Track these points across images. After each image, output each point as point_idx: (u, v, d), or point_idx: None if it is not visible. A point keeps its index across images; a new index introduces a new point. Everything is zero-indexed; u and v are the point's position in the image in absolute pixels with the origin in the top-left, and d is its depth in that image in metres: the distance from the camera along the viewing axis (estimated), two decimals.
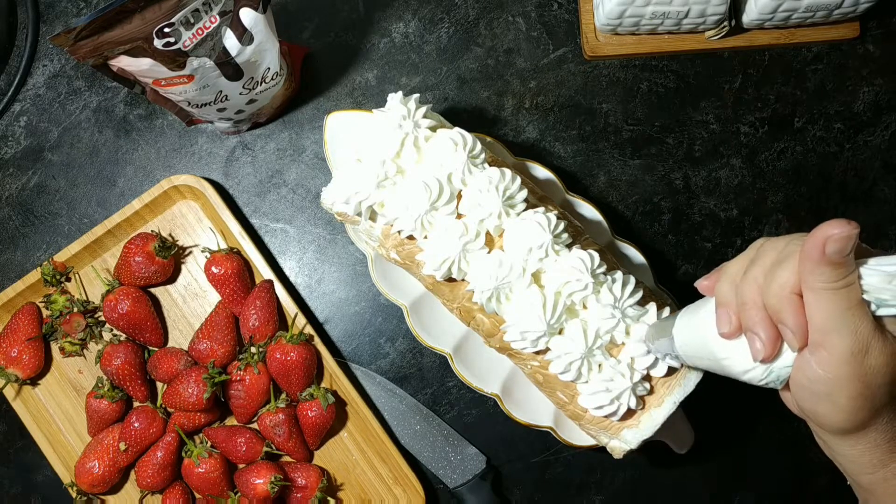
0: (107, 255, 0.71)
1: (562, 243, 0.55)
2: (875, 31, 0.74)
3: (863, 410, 0.37)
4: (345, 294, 0.73)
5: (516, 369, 0.64)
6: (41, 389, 0.71)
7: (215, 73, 0.59)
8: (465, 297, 0.57)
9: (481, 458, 0.70)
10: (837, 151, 0.73)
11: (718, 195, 0.73)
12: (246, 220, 0.73)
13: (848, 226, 0.33)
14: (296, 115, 0.74)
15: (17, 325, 0.68)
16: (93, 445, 0.67)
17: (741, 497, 0.71)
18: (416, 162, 0.56)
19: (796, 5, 0.66)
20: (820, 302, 0.35)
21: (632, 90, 0.74)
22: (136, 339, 0.69)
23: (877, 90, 0.74)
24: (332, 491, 0.69)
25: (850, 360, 0.35)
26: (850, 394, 0.36)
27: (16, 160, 0.74)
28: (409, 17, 0.75)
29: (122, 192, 0.74)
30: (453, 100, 0.74)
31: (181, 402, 0.65)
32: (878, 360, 0.35)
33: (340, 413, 0.70)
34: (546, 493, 0.71)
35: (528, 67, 0.74)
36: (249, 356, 0.66)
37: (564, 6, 0.74)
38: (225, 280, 0.68)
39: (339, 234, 0.73)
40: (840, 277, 0.34)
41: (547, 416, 0.64)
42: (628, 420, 0.55)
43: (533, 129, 0.74)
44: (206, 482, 0.65)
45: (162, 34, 0.53)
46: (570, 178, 0.73)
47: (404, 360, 0.72)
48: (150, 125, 0.74)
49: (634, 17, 0.67)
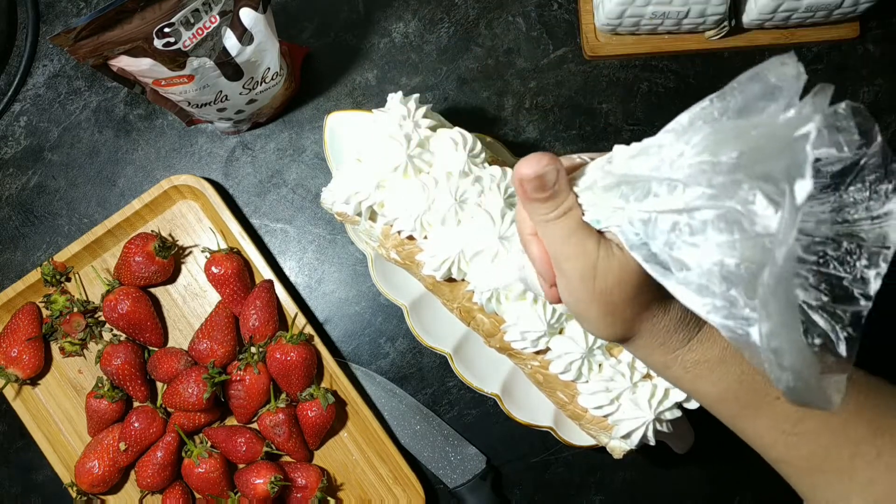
0: (107, 255, 0.71)
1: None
2: (875, 31, 0.74)
3: (615, 325, 0.38)
4: (345, 294, 0.73)
5: (516, 369, 0.64)
6: (41, 389, 0.71)
7: (215, 73, 0.59)
8: (465, 297, 0.57)
9: (481, 458, 0.70)
10: None
11: None
12: (246, 220, 0.73)
13: (538, 164, 0.34)
14: (296, 115, 0.74)
15: (17, 325, 0.68)
16: (93, 445, 0.67)
17: (741, 497, 0.71)
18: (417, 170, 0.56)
19: (796, 5, 0.66)
20: (546, 234, 0.36)
21: (632, 90, 0.74)
22: (136, 339, 0.69)
23: (877, 90, 0.74)
24: (332, 491, 0.69)
25: (582, 283, 0.36)
26: (596, 314, 0.37)
27: (16, 160, 0.74)
28: (409, 17, 0.75)
29: (122, 192, 0.74)
30: (453, 100, 0.74)
31: (181, 402, 0.65)
32: (610, 281, 0.36)
33: (340, 413, 0.70)
34: (546, 493, 0.71)
35: (528, 67, 0.74)
36: (249, 356, 0.66)
37: (564, 6, 0.74)
38: (225, 280, 0.68)
39: (339, 234, 0.73)
40: (553, 209, 0.35)
41: (547, 416, 0.64)
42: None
43: (533, 129, 0.74)
44: (206, 482, 0.65)
45: (162, 34, 0.53)
46: None
47: (404, 360, 0.72)
48: (150, 125, 0.74)
49: (634, 17, 0.67)
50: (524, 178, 0.35)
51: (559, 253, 0.36)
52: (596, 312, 0.37)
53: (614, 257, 0.35)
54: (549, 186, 0.35)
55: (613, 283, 0.36)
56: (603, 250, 0.35)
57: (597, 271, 0.35)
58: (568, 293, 0.37)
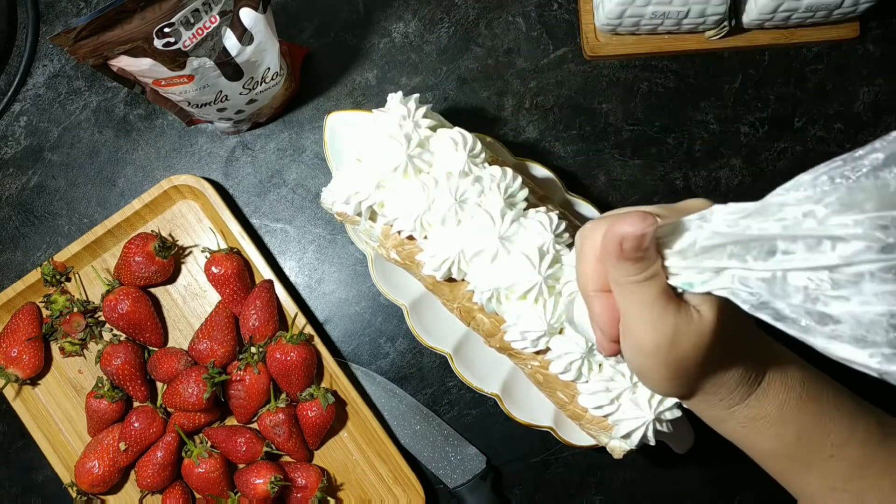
0: (107, 255, 0.71)
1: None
2: (875, 31, 0.74)
3: (680, 388, 0.37)
4: (345, 294, 0.73)
5: (516, 369, 0.64)
6: (41, 389, 0.71)
7: (215, 73, 0.59)
8: (465, 297, 0.57)
9: (481, 458, 0.70)
10: (837, 151, 0.73)
11: (718, 195, 0.73)
12: (246, 220, 0.73)
13: (642, 223, 0.32)
14: (296, 115, 0.74)
15: (17, 325, 0.68)
16: (93, 445, 0.67)
17: (741, 497, 0.71)
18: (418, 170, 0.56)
19: (796, 5, 0.66)
20: (624, 296, 0.35)
21: (632, 90, 0.74)
22: (136, 339, 0.69)
23: (877, 90, 0.74)
24: (332, 491, 0.69)
25: (656, 352, 0.35)
26: (661, 377, 0.36)
27: (16, 160, 0.74)
28: (409, 17, 0.75)
29: (122, 192, 0.74)
30: (453, 100, 0.74)
31: (181, 402, 0.65)
32: (685, 347, 0.35)
33: (340, 413, 0.70)
34: (546, 493, 0.71)
35: (528, 67, 0.74)
36: (249, 356, 0.66)
37: (564, 6, 0.74)
38: (225, 280, 0.68)
39: (339, 234, 0.73)
40: (640, 271, 0.34)
41: (547, 416, 0.64)
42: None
43: (533, 129, 0.74)
44: (206, 482, 0.65)
45: (162, 34, 0.53)
46: (570, 178, 0.73)
47: (404, 360, 0.72)
48: (150, 125, 0.74)
49: (634, 17, 0.67)
50: (626, 237, 0.33)
51: (635, 318, 0.35)
52: (663, 375, 0.36)
53: (692, 323, 0.35)
54: (644, 247, 0.33)
55: (688, 349, 0.35)
56: (682, 317, 0.35)
57: (673, 339, 0.35)
58: (636, 355, 0.36)
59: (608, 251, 0.34)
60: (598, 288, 0.37)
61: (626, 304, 0.35)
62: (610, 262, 0.34)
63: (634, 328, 0.35)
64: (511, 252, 0.54)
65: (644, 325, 0.35)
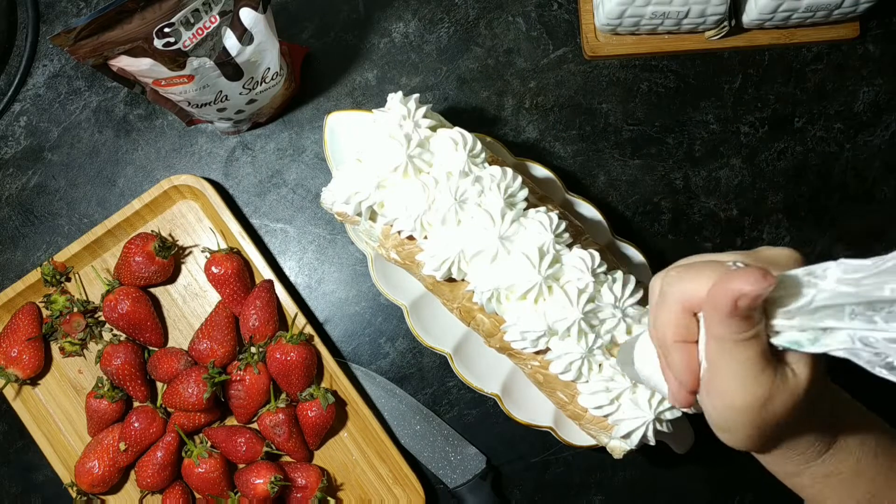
0: (107, 255, 0.71)
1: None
2: (875, 31, 0.74)
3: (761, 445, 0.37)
4: (345, 294, 0.73)
5: (516, 369, 0.64)
6: (41, 389, 0.71)
7: (215, 73, 0.59)
8: (465, 297, 0.57)
9: (481, 458, 0.70)
10: (837, 151, 0.73)
11: (718, 195, 0.73)
12: (246, 220, 0.73)
13: (764, 282, 0.30)
14: (296, 115, 0.74)
15: (17, 325, 0.68)
16: (93, 445, 0.67)
17: (741, 497, 0.71)
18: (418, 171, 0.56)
19: (796, 5, 0.66)
20: (723, 352, 0.33)
21: (632, 90, 0.74)
22: (136, 339, 0.69)
23: (877, 90, 0.74)
24: (332, 491, 0.69)
25: (746, 411, 0.34)
26: (746, 435, 0.36)
27: (16, 160, 0.74)
28: (409, 17, 0.75)
29: (122, 192, 0.74)
30: (453, 100, 0.74)
31: (181, 402, 0.65)
32: (777, 408, 0.34)
33: (340, 413, 0.70)
34: (546, 493, 0.71)
35: (528, 67, 0.74)
36: (249, 356, 0.66)
37: (564, 6, 0.74)
38: (225, 280, 0.68)
39: (339, 234, 0.73)
40: (747, 329, 0.32)
41: (547, 416, 0.64)
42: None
43: (533, 129, 0.74)
44: (206, 482, 0.65)
45: (162, 34, 0.53)
46: (570, 178, 0.73)
47: (404, 360, 0.72)
48: (150, 125, 0.74)
49: (634, 17, 0.67)
50: (744, 295, 0.31)
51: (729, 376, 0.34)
52: (748, 434, 0.35)
53: (787, 383, 0.34)
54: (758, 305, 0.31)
55: (780, 409, 0.34)
56: (779, 378, 0.34)
57: (767, 400, 0.34)
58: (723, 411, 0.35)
59: (718, 307, 0.32)
60: (682, 339, 0.35)
61: (723, 360, 0.34)
62: (717, 317, 0.32)
63: (726, 385, 0.34)
64: (511, 252, 0.54)
65: (738, 384, 0.33)
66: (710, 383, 0.35)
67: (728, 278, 0.31)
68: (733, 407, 0.34)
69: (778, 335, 0.33)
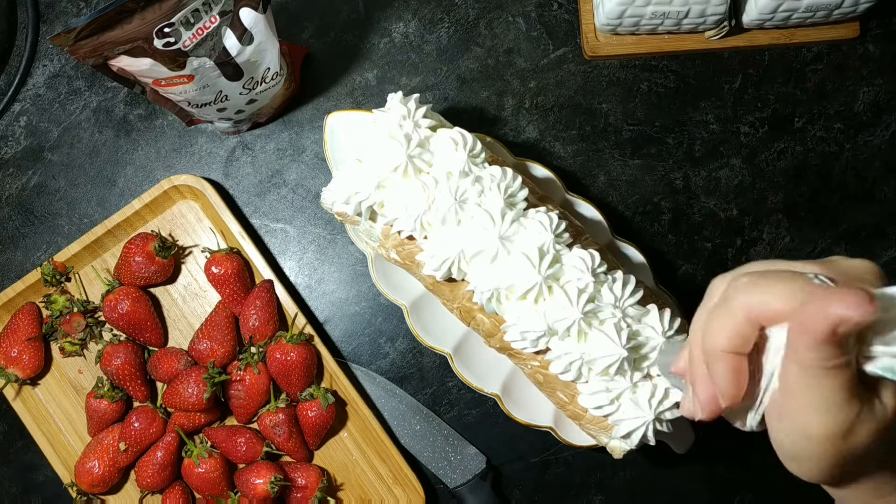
0: (107, 255, 0.71)
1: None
2: (875, 31, 0.74)
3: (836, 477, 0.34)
4: (345, 294, 0.73)
5: (516, 369, 0.64)
6: (41, 389, 0.71)
7: (215, 73, 0.59)
8: (465, 297, 0.57)
9: (481, 458, 0.70)
10: (837, 151, 0.73)
11: (718, 195, 0.73)
12: (246, 220, 0.73)
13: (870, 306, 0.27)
14: (296, 115, 0.74)
15: (17, 325, 0.68)
16: (93, 445, 0.67)
17: (741, 497, 0.71)
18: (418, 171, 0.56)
19: (796, 5, 0.66)
20: (806, 378, 0.30)
21: (632, 90, 0.74)
22: (136, 339, 0.69)
23: (877, 90, 0.74)
24: (332, 491, 0.69)
25: (825, 441, 0.32)
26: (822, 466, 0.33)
27: (16, 160, 0.74)
28: (409, 17, 0.75)
29: (122, 192, 0.74)
30: (453, 100, 0.74)
31: (181, 402, 0.65)
32: (859, 439, 0.31)
33: (340, 413, 0.70)
34: (546, 493, 0.71)
35: (528, 67, 0.74)
36: (249, 356, 0.66)
37: (564, 6, 0.74)
38: (225, 280, 0.68)
39: (339, 234, 0.73)
40: (839, 356, 0.29)
41: (547, 416, 0.64)
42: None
43: (533, 129, 0.74)
44: (206, 482, 0.65)
45: (162, 34, 0.53)
46: (570, 178, 0.73)
47: (404, 360, 0.72)
48: (150, 125, 0.74)
49: (634, 17, 0.67)
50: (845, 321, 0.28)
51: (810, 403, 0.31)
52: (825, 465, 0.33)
53: (873, 413, 0.31)
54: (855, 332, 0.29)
55: (861, 441, 0.31)
56: (865, 408, 0.31)
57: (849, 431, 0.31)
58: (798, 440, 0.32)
59: (812, 331, 0.29)
60: (735, 349, 0.32)
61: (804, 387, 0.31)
62: (807, 342, 0.29)
63: (805, 413, 0.31)
64: (511, 252, 0.54)
65: (819, 413, 0.31)
66: (784, 408, 0.32)
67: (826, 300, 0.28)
68: (809, 436, 0.32)
69: (872, 361, 0.30)
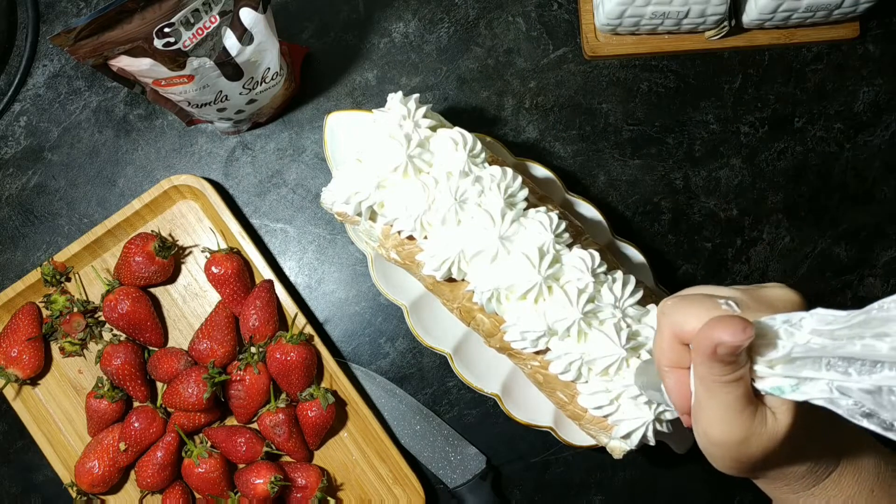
0: (107, 255, 0.71)
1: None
2: (875, 31, 0.74)
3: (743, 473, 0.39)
4: (345, 294, 0.73)
5: (516, 369, 0.64)
6: (41, 389, 0.71)
7: (215, 73, 0.59)
8: (465, 297, 0.57)
9: (481, 458, 0.70)
10: (837, 151, 0.73)
11: (718, 195, 0.73)
12: (246, 220, 0.73)
13: (742, 335, 0.32)
14: (296, 115, 0.74)
15: (17, 325, 0.68)
16: (93, 445, 0.67)
17: (741, 497, 0.71)
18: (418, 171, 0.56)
19: (796, 5, 0.66)
20: (705, 390, 0.35)
21: (632, 90, 0.74)
22: (136, 339, 0.69)
23: (877, 90, 0.74)
24: (332, 491, 0.69)
25: (723, 446, 0.36)
26: (725, 465, 0.38)
27: (16, 160, 0.74)
28: (409, 17, 0.75)
29: (122, 192, 0.74)
30: (453, 100, 0.74)
31: (181, 402, 0.65)
32: (754, 449, 0.36)
33: (340, 413, 0.70)
34: (546, 493, 0.71)
35: (528, 67, 0.74)
36: (249, 356, 0.66)
37: (564, 6, 0.74)
38: (225, 280, 0.68)
39: (339, 234, 0.73)
40: (729, 373, 0.34)
41: (547, 416, 0.64)
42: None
43: (533, 129, 0.74)
44: (206, 482, 0.65)
45: (162, 34, 0.53)
46: (570, 178, 0.73)
47: (404, 360, 0.72)
48: (150, 125, 0.74)
49: (634, 17, 0.67)
50: (722, 344, 0.32)
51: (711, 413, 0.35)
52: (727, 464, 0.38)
53: (766, 426, 0.35)
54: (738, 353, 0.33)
55: (757, 450, 0.36)
56: (758, 421, 0.35)
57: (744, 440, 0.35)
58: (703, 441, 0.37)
59: (700, 349, 0.34)
60: (673, 365, 0.37)
61: (705, 397, 0.35)
62: (699, 358, 0.34)
63: (707, 421, 0.36)
64: (511, 252, 0.54)
65: (717, 422, 0.35)
66: (694, 414, 0.37)
67: (711, 325, 0.33)
68: (711, 440, 0.36)
69: (762, 380, 0.34)
